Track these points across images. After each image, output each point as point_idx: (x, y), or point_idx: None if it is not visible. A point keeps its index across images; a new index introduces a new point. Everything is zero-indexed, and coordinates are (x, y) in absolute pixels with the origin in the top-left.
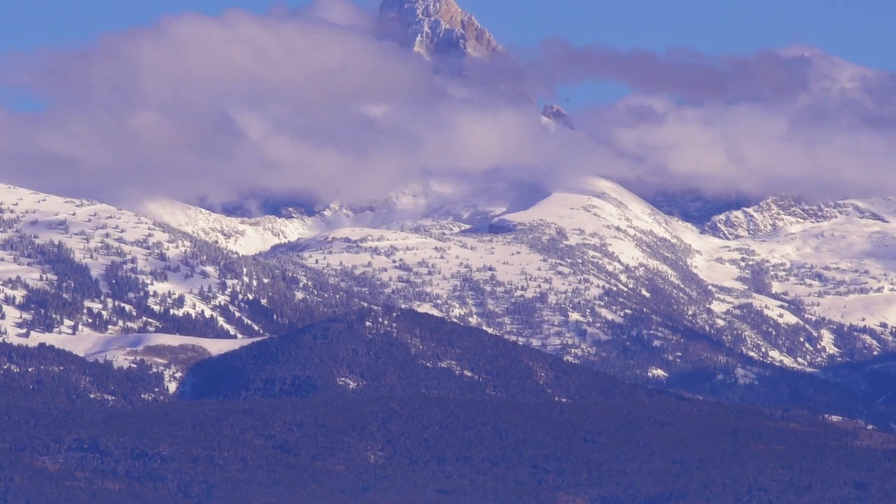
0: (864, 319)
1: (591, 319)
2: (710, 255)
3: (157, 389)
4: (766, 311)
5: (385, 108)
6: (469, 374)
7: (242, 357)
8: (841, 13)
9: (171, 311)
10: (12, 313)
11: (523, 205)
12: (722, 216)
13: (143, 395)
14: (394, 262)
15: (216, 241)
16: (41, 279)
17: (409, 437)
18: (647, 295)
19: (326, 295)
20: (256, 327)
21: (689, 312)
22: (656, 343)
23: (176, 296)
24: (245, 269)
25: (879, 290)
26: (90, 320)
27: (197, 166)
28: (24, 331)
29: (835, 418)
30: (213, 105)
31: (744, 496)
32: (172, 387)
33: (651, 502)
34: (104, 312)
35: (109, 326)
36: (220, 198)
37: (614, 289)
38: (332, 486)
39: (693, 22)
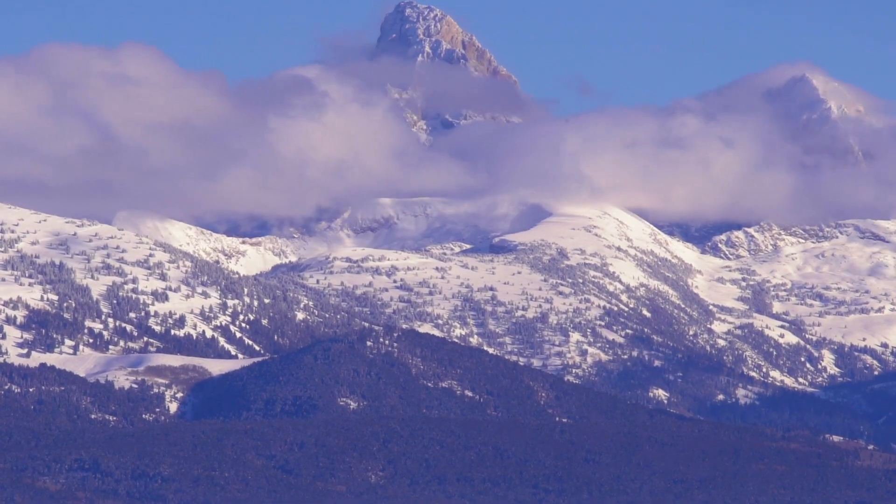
0: (864, 339)
1: (592, 339)
2: (710, 276)
3: (158, 409)
4: (766, 332)
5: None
6: (470, 394)
7: (243, 377)
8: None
9: (172, 332)
10: (13, 333)
11: (524, 225)
12: (723, 236)
13: (144, 416)
14: (395, 282)
15: (217, 262)
16: (42, 299)
17: (409, 458)
18: (648, 315)
19: (327, 315)
20: (257, 347)
21: (690, 332)
22: (657, 363)
23: (177, 316)
24: (246, 290)
25: (880, 310)
26: (91, 340)
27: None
28: (25, 351)
29: (836, 438)
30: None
31: None
32: (173, 407)
33: None
34: (105, 332)
35: (110, 346)
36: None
37: (615, 309)
38: None
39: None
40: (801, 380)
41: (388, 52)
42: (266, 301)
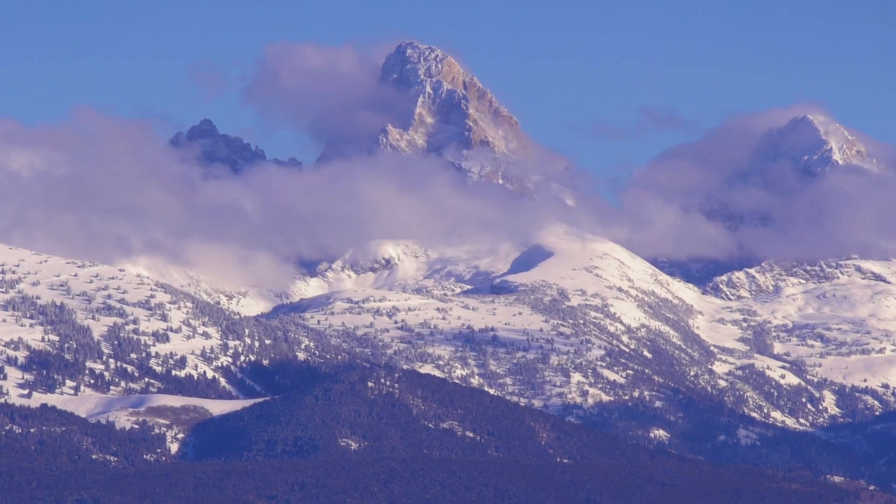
0: (865, 380)
1: (593, 380)
2: (711, 316)
3: (159, 450)
4: (767, 372)
5: None
6: (471, 434)
7: (244, 418)
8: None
9: (173, 372)
10: (14, 374)
11: (525, 265)
12: (724, 277)
13: (145, 456)
14: (395, 322)
15: (218, 302)
16: (43, 340)
17: (410, 498)
18: (649, 356)
19: (328, 356)
20: (258, 388)
21: (691, 373)
22: (658, 404)
23: (178, 357)
24: (247, 330)
25: (881, 350)
26: (92, 381)
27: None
28: (26, 391)
29: (837, 479)
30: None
31: None
32: (174, 447)
33: None
34: (106, 373)
35: (111, 387)
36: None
37: (616, 349)
38: None
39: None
40: (802, 420)
41: (388, 93)
42: (267, 342)
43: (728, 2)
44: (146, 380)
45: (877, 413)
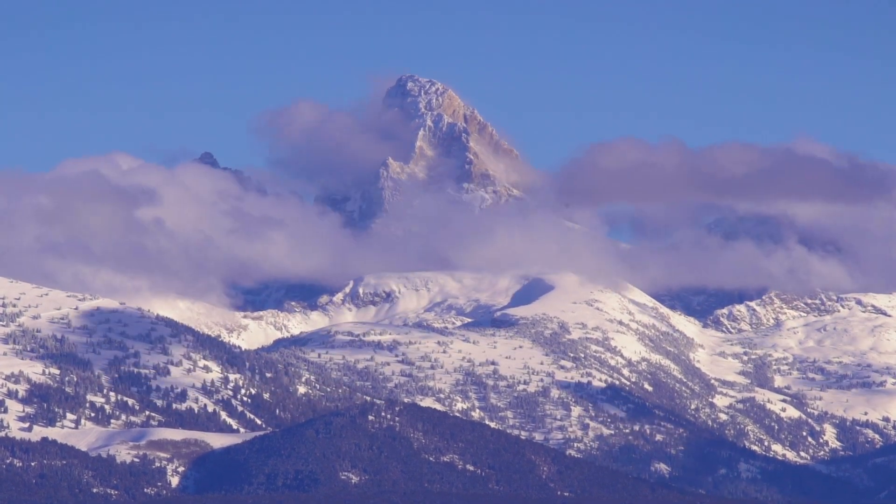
0: (866, 413)
1: (593, 413)
2: (712, 350)
3: (159, 483)
4: (768, 405)
5: None
6: (472, 468)
7: (245, 451)
8: None
9: (174, 406)
10: (15, 407)
11: (526, 299)
12: (724, 310)
13: (145, 490)
14: (396, 356)
15: (219, 336)
16: (44, 373)
17: None
18: (650, 389)
19: (329, 389)
20: (259, 421)
21: (692, 406)
22: (659, 437)
23: (178, 390)
24: (247, 364)
25: (882, 384)
26: (93, 414)
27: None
28: (26, 425)
29: None
30: None
31: None
32: (175, 481)
33: None
34: (107, 406)
35: (112, 421)
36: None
37: (617, 383)
38: None
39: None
40: (802, 454)
41: (389, 126)
42: (267, 375)
43: (722, 36)
44: (147, 413)
45: (877, 446)
